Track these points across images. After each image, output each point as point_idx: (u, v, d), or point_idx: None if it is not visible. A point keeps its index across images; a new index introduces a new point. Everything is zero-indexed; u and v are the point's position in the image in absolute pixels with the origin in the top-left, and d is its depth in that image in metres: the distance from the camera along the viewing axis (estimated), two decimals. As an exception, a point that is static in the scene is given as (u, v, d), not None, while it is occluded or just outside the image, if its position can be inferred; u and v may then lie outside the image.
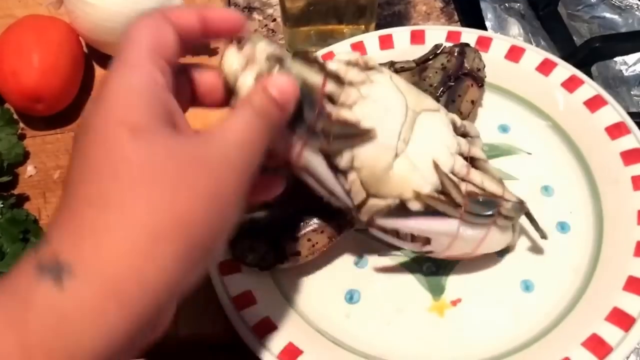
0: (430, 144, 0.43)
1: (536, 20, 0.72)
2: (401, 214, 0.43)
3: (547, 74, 0.57)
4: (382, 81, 0.43)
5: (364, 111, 0.41)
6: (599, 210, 0.51)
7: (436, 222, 0.43)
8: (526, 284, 0.49)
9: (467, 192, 0.43)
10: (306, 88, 0.38)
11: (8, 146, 0.58)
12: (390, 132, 0.42)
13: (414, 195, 0.42)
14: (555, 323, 0.46)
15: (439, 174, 0.43)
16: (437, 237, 0.44)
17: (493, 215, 0.44)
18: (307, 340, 0.46)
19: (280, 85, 0.34)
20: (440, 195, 0.43)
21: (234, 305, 0.47)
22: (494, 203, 0.44)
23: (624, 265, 0.46)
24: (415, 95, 0.45)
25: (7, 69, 0.57)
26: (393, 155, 0.42)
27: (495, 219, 0.45)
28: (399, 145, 0.42)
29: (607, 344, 0.42)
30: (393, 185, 0.42)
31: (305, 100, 0.38)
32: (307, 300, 0.49)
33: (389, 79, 0.44)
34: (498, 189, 0.45)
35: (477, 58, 0.56)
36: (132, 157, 0.28)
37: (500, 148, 0.56)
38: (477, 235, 0.45)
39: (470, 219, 0.44)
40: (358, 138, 0.40)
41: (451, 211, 0.43)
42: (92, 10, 0.58)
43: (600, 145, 0.53)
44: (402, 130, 0.42)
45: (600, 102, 0.54)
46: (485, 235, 0.45)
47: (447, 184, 0.43)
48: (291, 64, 0.38)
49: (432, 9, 0.72)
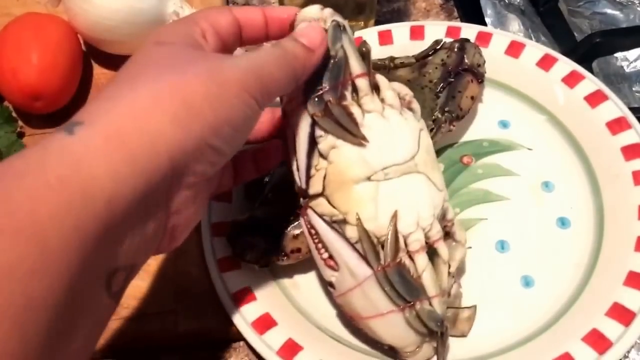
0: (408, 199, 0.42)
1: (536, 16, 0.71)
2: (334, 228, 0.42)
3: (547, 69, 0.57)
4: (411, 125, 0.44)
5: (372, 123, 0.42)
6: (599, 206, 0.51)
7: (354, 257, 0.41)
8: (526, 279, 0.49)
9: (398, 260, 0.41)
10: (342, 62, 0.41)
11: (7, 144, 0.58)
12: (379, 158, 0.41)
13: (356, 222, 0.41)
14: (556, 318, 0.46)
15: (390, 225, 0.41)
16: (344, 271, 0.42)
17: (406, 300, 0.41)
18: (307, 336, 0.46)
19: (309, 34, 0.39)
20: (374, 238, 0.41)
21: (234, 302, 0.47)
22: (414, 291, 0.41)
23: (624, 261, 0.46)
24: (431, 162, 0.44)
25: (5, 66, 0.57)
26: (366, 175, 0.41)
27: (405, 308, 0.41)
28: (377, 173, 0.41)
29: (607, 338, 0.42)
30: (347, 200, 0.41)
31: (334, 69, 0.41)
32: (306, 296, 0.49)
33: (418, 129, 0.44)
34: (431, 287, 0.42)
35: (477, 54, 0.56)
36: (152, 53, 0.34)
37: (500, 144, 0.56)
38: (379, 303, 0.41)
39: (382, 281, 0.41)
40: (348, 135, 0.41)
41: (371, 259, 0.41)
42: (90, 7, 0.58)
43: (601, 141, 0.53)
44: (391, 167, 0.42)
45: (600, 97, 0.54)
46: (386, 314, 0.42)
47: (390, 236, 0.41)
48: (347, 38, 0.41)
49: (432, 5, 0.71)
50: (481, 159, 0.55)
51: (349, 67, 0.41)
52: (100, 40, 0.61)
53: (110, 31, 0.59)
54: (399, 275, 0.41)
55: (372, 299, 0.42)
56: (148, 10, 0.59)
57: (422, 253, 0.42)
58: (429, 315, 0.41)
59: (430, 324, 0.41)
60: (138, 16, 0.59)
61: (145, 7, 0.58)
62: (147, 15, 0.59)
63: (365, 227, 0.41)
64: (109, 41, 0.61)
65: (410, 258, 0.42)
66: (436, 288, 0.42)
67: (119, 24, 0.58)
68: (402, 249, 0.41)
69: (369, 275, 0.41)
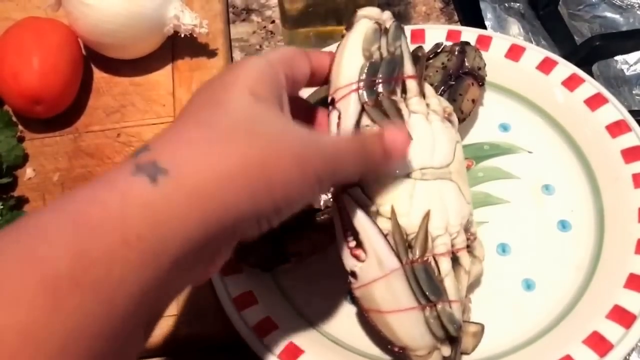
0: (440, 203, 0.43)
1: (536, 19, 0.72)
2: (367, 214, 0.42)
3: (547, 72, 0.57)
4: (450, 134, 0.46)
5: (416, 123, 0.43)
6: (600, 208, 0.51)
7: (384, 246, 0.41)
8: (527, 282, 0.49)
9: (426, 259, 0.41)
10: (399, 60, 0.43)
11: (7, 148, 0.58)
12: (419, 158, 0.43)
13: (390, 214, 0.41)
14: (557, 321, 0.46)
15: (422, 223, 0.42)
16: (372, 260, 0.41)
17: (428, 299, 0.41)
18: (308, 340, 0.46)
19: (395, 140, 0.38)
20: (405, 236, 0.41)
21: (235, 306, 0.47)
22: (438, 291, 0.41)
23: (624, 263, 0.46)
24: (463, 174, 0.46)
25: (7, 70, 0.57)
26: (406, 171, 0.42)
27: (426, 307, 0.41)
28: (416, 172, 0.43)
29: (608, 341, 0.42)
30: (383, 192, 0.42)
31: (391, 65, 0.43)
32: (308, 300, 0.49)
33: (455, 140, 0.46)
34: (453, 292, 0.42)
35: (477, 57, 0.56)
36: (249, 111, 0.33)
37: (501, 147, 0.56)
38: (401, 298, 0.41)
39: (409, 276, 0.41)
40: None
41: (401, 252, 0.41)
42: (90, 11, 0.58)
43: (601, 144, 0.52)
44: (428, 169, 0.43)
45: (600, 100, 0.54)
46: (407, 310, 0.41)
47: (419, 234, 0.41)
48: (404, 40, 0.44)
49: (432, 9, 0.72)
50: (482, 162, 0.55)
51: (402, 67, 0.44)
52: (100, 44, 0.61)
53: (111, 35, 0.59)
54: (425, 273, 0.41)
55: (395, 292, 0.41)
56: (148, 15, 0.59)
57: (447, 257, 0.42)
58: (449, 318, 0.41)
59: (450, 326, 0.41)
60: (138, 20, 0.59)
61: (145, 11, 0.59)
62: (147, 19, 0.59)
63: (399, 221, 0.41)
64: (109, 45, 0.61)
65: (435, 261, 0.42)
66: (457, 294, 0.42)
67: (119, 28, 0.59)
68: (429, 249, 0.42)
69: (396, 268, 0.41)
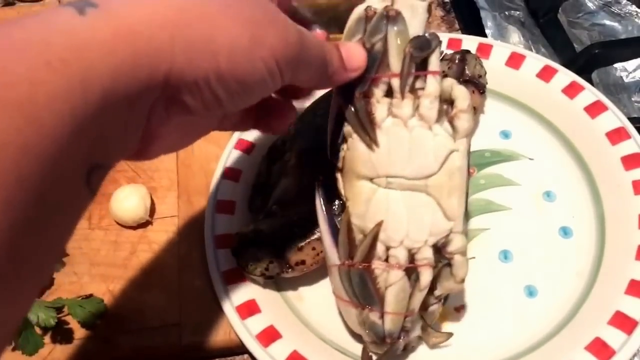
0: (400, 215, 0.41)
1: (536, 27, 0.72)
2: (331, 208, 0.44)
3: (547, 80, 0.58)
4: (437, 143, 0.40)
5: (391, 129, 0.40)
6: (600, 215, 0.51)
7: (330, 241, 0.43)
8: (530, 289, 0.49)
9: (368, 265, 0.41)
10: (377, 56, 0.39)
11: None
12: (386, 165, 0.40)
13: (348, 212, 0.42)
14: (559, 328, 0.46)
15: (371, 230, 0.41)
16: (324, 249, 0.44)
17: (359, 302, 0.42)
18: (312, 348, 0.46)
19: (353, 54, 0.38)
20: (360, 234, 0.42)
21: (238, 314, 0.47)
22: (370, 298, 0.41)
23: (626, 269, 0.46)
24: (449, 188, 0.40)
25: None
26: (369, 176, 0.41)
27: (359, 308, 0.42)
28: (380, 179, 0.41)
29: (610, 347, 0.42)
30: (349, 188, 0.42)
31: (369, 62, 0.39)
32: (311, 308, 0.50)
33: (448, 149, 0.40)
34: (391, 304, 0.41)
35: (478, 65, 0.56)
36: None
37: (502, 154, 0.56)
38: (342, 290, 0.43)
39: (342, 276, 0.42)
40: (362, 133, 0.40)
41: (342, 252, 0.42)
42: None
43: (601, 151, 0.53)
44: (396, 178, 0.40)
45: (600, 108, 0.54)
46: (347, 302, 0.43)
47: (365, 240, 0.41)
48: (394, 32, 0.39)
49: (433, 17, 0.72)
50: (483, 169, 0.56)
51: (385, 64, 0.39)
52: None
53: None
54: (360, 279, 0.41)
55: (338, 284, 0.43)
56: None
57: (397, 270, 0.41)
58: (371, 326, 0.42)
59: (370, 333, 0.43)
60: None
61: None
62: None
63: (353, 222, 0.42)
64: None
65: (385, 270, 0.41)
66: (397, 306, 0.41)
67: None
68: (378, 257, 0.41)
69: (335, 264, 0.42)
